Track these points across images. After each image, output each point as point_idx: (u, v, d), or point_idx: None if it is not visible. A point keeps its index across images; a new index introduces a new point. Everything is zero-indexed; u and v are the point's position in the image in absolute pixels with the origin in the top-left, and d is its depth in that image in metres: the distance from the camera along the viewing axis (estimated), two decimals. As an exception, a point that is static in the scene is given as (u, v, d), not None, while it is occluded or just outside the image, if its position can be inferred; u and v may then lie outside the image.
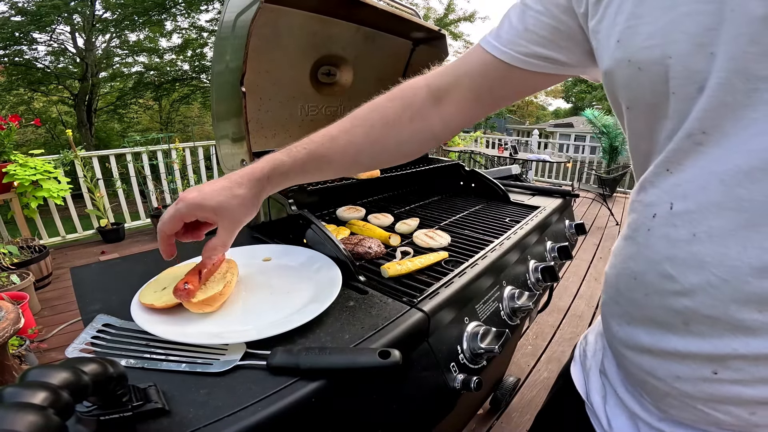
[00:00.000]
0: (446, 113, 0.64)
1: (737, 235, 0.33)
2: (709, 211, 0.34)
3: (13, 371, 1.76)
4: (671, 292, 0.38)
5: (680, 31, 0.33)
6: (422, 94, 0.65)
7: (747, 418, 0.36)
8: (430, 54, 1.47)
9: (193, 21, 11.52)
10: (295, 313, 0.62)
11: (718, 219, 0.34)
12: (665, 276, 0.38)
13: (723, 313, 0.34)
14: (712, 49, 0.32)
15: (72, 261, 3.76)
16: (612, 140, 6.86)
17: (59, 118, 13.21)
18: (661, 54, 0.35)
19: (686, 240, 0.36)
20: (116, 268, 0.83)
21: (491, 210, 1.28)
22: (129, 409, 0.40)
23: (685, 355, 0.38)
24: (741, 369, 0.35)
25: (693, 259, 0.36)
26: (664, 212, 0.38)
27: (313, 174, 0.64)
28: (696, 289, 0.35)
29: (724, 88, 0.31)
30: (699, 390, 0.38)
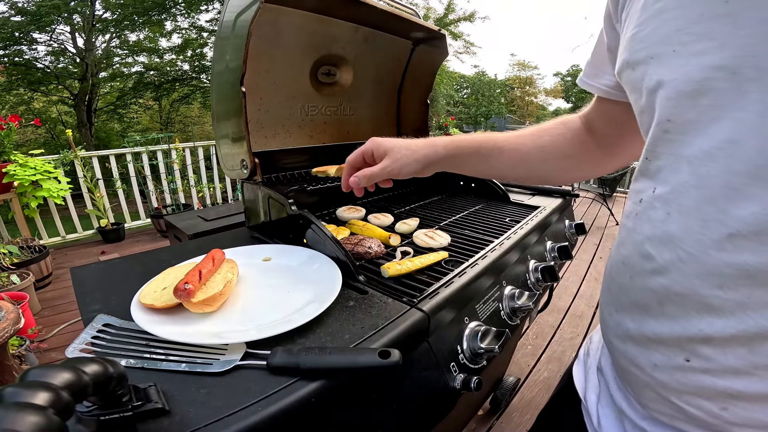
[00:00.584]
0: (594, 145, 0.68)
1: (700, 210, 0.35)
2: (680, 191, 0.37)
3: (13, 371, 1.76)
4: (649, 270, 0.41)
5: (657, 34, 0.38)
6: (579, 123, 0.70)
7: (718, 414, 0.37)
8: (431, 54, 1.47)
9: (193, 21, 11.51)
10: (295, 313, 0.62)
11: (686, 197, 0.37)
12: (645, 255, 0.41)
13: (690, 290, 0.36)
14: (674, 48, 0.36)
15: (72, 261, 3.76)
16: (612, 140, 6.84)
17: (59, 118, 13.20)
18: (644, 55, 0.40)
19: (662, 219, 0.39)
20: (116, 268, 0.83)
21: (491, 210, 1.28)
22: (129, 409, 0.40)
23: (660, 340, 0.40)
24: (710, 358, 0.36)
25: (666, 237, 0.39)
26: (648, 197, 0.42)
27: (481, 161, 0.70)
28: (669, 266, 0.38)
29: (683, 81, 0.36)
30: (673, 379, 0.40)
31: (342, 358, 0.49)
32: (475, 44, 15.63)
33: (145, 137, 4.83)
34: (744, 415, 0.36)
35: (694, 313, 0.37)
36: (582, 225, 1.30)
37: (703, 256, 0.35)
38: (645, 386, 0.44)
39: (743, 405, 0.36)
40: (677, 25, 0.36)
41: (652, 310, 0.41)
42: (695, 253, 0.36)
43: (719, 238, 0.34)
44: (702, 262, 0.35)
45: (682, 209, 0.37)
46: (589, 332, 2.56)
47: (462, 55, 16.20)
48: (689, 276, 0.36)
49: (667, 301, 0.39)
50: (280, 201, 0.93)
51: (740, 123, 0.32)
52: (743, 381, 0.35)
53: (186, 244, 1.08)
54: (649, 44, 0.39)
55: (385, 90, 1.53)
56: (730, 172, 0.33)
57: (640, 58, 0.41)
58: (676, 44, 0.36)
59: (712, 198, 0.34)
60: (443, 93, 15.50)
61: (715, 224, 0.34)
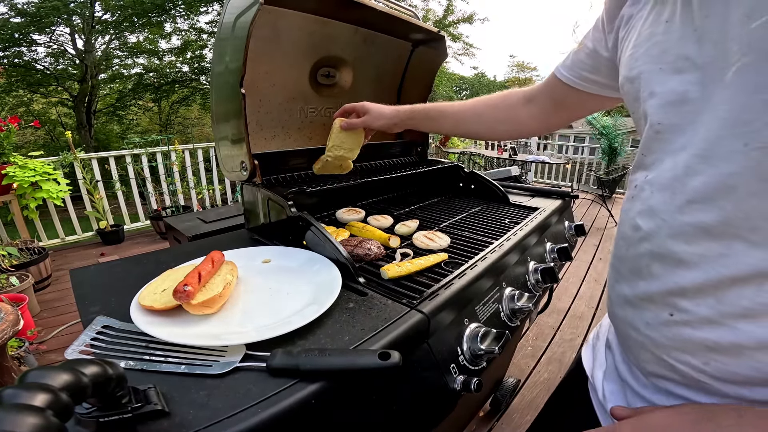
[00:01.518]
0: (533, 112, 0.91)
1: (670, 186, 0.45)
2: (661, 175, 0.47)
3: (13, 373, 1.75)
4: (638, 239, 0.50)
5: (648, 55, 0.49)
6: (519, 93, 0.93)
7: (702, 368, 0.44)
8: (430, 55, 1.47)
9: (192, 23, 11.52)
10: (294, 314, 0.62)
11: (663, 179, 0.46)
12: (635, 227, 0.50)
13: (666, 249, 0.45)
14: (660, 65, 0.46)
15: (71, 263, 3.75)
16: (611, 141, 6.86)
17: (59, 119, 13.20)
18: (638, 72, 0.50)
19: (647, 197, 0.49)
20: (116, 270, 0.82)
21: (491, 211, 1.28)
22: (128, 410, 0.40)
23: (650, 298, 0.48)
24: (687, 310, 0.44)
25: (650, 210, 0.48)
26: (640, 182, 0.51)
27: (430, 122, 1.03)
28: (651, 233, 0.47)
29: (668, 91, 0.45)
30: (662, 335, 0.47)
31: (342, 359, 0.49)
32: (474, 46, 15.64)
33: (145, 139, 4.83)
34: (723, 369, 0.42)
35: (670, 269, 0.45)
36: (581, 226, 1.30)
37: (672, 220, 0.45)
38: (641, 348, 0.51)
39: (721, 358, 0.42)
40: (663, 48, 0.46)
41: (642, 272, 0.49)
42: (667, 219, 0.45)
43: (681, 204, 0.43)
44: (672, 225, 0.45)
45: (660, 188, 0.47)
46: (590, 332, 2.56)
47: (461, 56, 16.22)
48: (664, 238, 0.45)
49: (652, 262, 0.48)
50: (280, 203, 0.93)
51: (704, 124, 0.41)
52: (716, 331, 0.42)
53: (185, 246, 1.07)
54: (642, 63, 0.49)
55: (384, 91, 1.53)
56: (690, 156, 0.43)
57: (635, 75, 0.50)
58: (662, 63, 0.46)
59: (678, 176, 0.44)
60: (442, 94, 15.52)
61: (679, 195, 0.44)
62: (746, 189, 0.38)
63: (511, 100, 0.93)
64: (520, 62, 30.56)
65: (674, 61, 0.44)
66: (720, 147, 0.40)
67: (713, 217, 0.40)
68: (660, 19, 0.48)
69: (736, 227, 0.39)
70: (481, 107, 0.96)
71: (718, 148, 0.40)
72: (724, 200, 0.39)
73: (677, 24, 0.45)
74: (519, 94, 0.92)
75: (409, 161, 1.56)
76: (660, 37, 0.47)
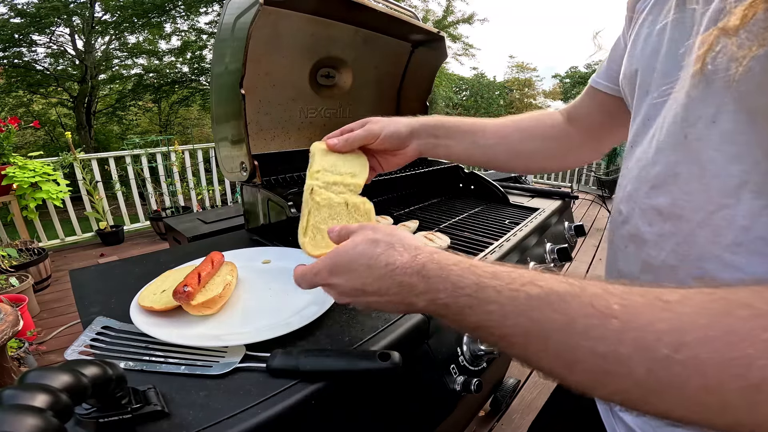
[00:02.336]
0: (581, 132, 0.77)
1: (639, 174, 0.48)
2: (637, 163, 0.50)
3: (12, 373, 1.75)
4: (620, 222, 0.53)
5: (643, 54, 0.50)
6: (559, 115, 0.79)
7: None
8: (430, 56, 1.47)
9: (192, 23, 11.51)
10: (294, 315, 0.62)
11: (638, 167, 0.49)
12: (618, 212, 0.54)
13: (637, 229, 0.49)
14: (655, 65, 0.48)
15: (71, 263, 3.75)
16: (611, 142, 6.86)
17: (58, 120, 13.19)
18: (634, 69, 0.52)
19: (626, 185, 0.52)
20: (115, 271, 0.82)
21: (490, 212, 1.29)
22: (128, 411, 0.40)
23: (629, 276, 0.52)
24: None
25: (627, 195, 0.51)
26: (625, 172, 0.54)
27: (463, 136, 0.74)
28: (628, 216, 0.51)
29: (658, 91, 0.47)
30: None
31: (341, 360, 0.49)
32: (474, 46, 15.62)
33: (145, 139, 4.83)
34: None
35: (638, 248, 0.49)
36: (581, 227, 1.30)
37: (640, 203, 0.48)
38: None
39: None
40: (655, 48, 0.48)
41: (623, 253, 0.53)
42: (638, 202, 0.49)
43: (647, 189, 0.47)
44: (641, 207, 0.48)
45: (635, 176, 0.50)
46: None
47: (461, 57, 16.21)
48: (636, 219, 0.49)
49: (629, 243, 0.51)
50: (280, 203, 0.93)
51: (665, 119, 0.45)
52: None
53: (185, 247, 1.07)
54: (636, 61, 0.52)
55: (384, 92, 1.53)
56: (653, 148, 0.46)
57: (633, 71, 0.52)
58: (655, 63, 0.48)
59: (645, 165, 0.47)
60: (442, 95, 15.51)
61: (644, 181, 0.47)
62: (687, 175, 0.42)
63: (553, 118, 0.78)
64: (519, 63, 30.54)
65: (666, 61, 0.46)
66: (670, 139, 0.44)
67: (666, 200, 0.45)
68: (658, 19, 0.49)
69: (680, 208, 0.43)
70: (525, 123, 0.77)
71: (669, 139, 0.44)
72: (672, 185, 0.44)
73: (670, 27, 0.46)
74: (558, 115, 0.78)
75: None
76: (654, 39, 0.49)
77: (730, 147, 0.37)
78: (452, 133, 0.73)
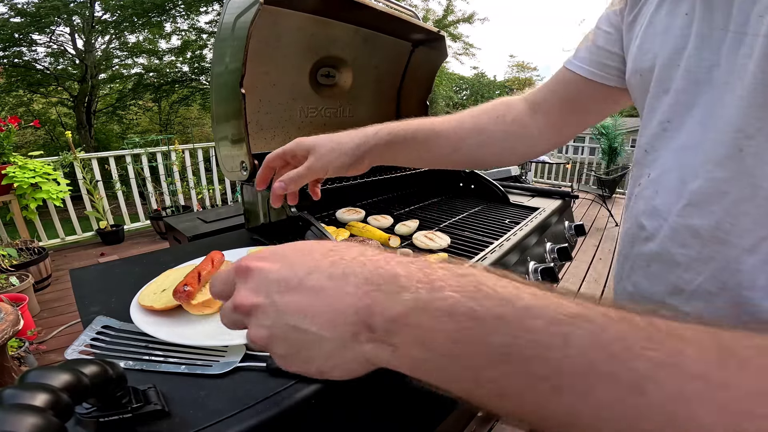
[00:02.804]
0: (541, 123, 0.72)
1: (674, 188, 0.45)
2: (665, 175, 0.46)
3: (13, 373, 1.75)
4: (643, 238, 0.50)
5: (664, 48, 0.46)
6: (521, 104, 0.74)
7: None
8: (430, 55, 1.47)
9: (192, 23, 11.53)
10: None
11: (668, 179, 0.46)
12: (640, 226, 0.50)
13: (666, 250, 0.46)
14: (679, 62, 0.44)
15: (71, 263, 3.75)
16: (611, 141, 6.87)
17: (59, 119, 13.19)
18: (650, 65, 0.48)
19: (651, 197, 0.48)
20: (115, 270, 0.82)
21: (491, 211, 1.29)
22: (129, 410, 0.40)
23: (650, 297, 0.49)
24: (675, 308, 0.45)
25: (654, 210, 0.48)
26: (644, 181, 0.51)
27: (418, 147, 0.69)
28: (654, 232, 0.47)
29: (681, 90, 0.44)
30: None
31: None
32: (474, 46, 15.66)
33: (145, 139, 4.83)
34: None
35: (668, 270, 0.46)
36: (581, 226, 1.30)
37: (671, 221, 0.45)
38: None
39: None
40: (680, 44, 0.43)
41: (644, 271, 0.50)
42: (668, 220, 0.45)
43: (681, 205, 0.44)
44: (672, 226, 0.45)
45: (663, 189, 0.46)
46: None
47: (461, 56, 16.23)
48: (665, 239, 0.46)
49: (653, 262, 0.48)
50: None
51: (707, 128, 0.41)
52: None
53: (185, 246, 1.07)
54: (654, 56, 0.47)
55: (384, 91, 1.53)
56: (691, 159, 0.43)
57: (648, 67, 0.48)
58: (680, 60, 0.44)
59: (684, 179, 0.44)
60: (442, 94, 15.51)
61: (685, 198, 0.43)
62: (737, 194, 0.38)
63: (515, 111, 0.72)
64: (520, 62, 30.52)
65: (690, 59, 0.43)
66: (716, 151, 0.40)
67: (703, 222, 0.41)
68: (677, 10, 0.45)
69: (725, 232, 0.40)
70: (484, 121, 0.72)
71: (715, 152, 0.40)
72: (716, 205, 0.40)
73: (696, 20, 0.42)
74: (521, 104, 0.73)
75: (409, 161, 1.55)
76: (677, 31, 0.44)
77: None
78: (405, 147, 0.69)
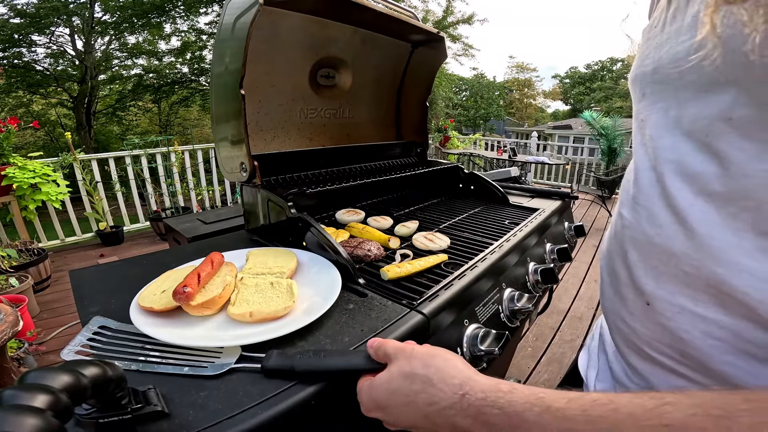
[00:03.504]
0: None
1: (650, 177, 0.47)
2: (639, 164, 0.49)
3: (12, 374, 1.75)
4: (620, 226, 0.52)
5: (649, 59, 0.48)
6: None
7: (680, 360, 0.44)
8: (429, 56, 1.47)
9: (192, 24, 11.53)
10: (294, 315, 0.62)
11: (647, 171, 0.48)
12: (620, 215, 0.53)
13: (642, 233, 0.47)
14: (653, 66, 0.47)
15: (71, 264, 3.75)
16: (610, 142, 6.87)
17: (58, 120, 13.20)
18: (637, 73, 0.51)
19: (629, 185, 0.51)
20: (115, 271, 0.82)
21: (490, 212, 1.29)
22: (128, 411, 0.40)
23: (629, 285, 0.50)
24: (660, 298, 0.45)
25: (628, 197, 0.51)
26: (629, 174, 0.53)
27: None
28: (632, 219, 0.50)
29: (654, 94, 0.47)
30: (643, 326, 0.48)
31: (337, 360, 0.49)
32: (473, 46, 15.65)
33: (144, 140, 4.83)
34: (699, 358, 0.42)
35: (646, 253, 0.47)
36: (581, 227, 1.30)
37: (651, 205, 0.46)
38: (626, 340, 0.52)
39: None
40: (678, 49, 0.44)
41: (623, 260, 0.51)
42: (646, 205, 0.47)
43: (662, 191, 0.45)
44: (649, 210, 0.46)
45: (636, 176, 0.49)
46: (588, 335, 2.56)
47: (461, 57, 16.24)
48: (642, 223, 0.47)
49: (630, 248, 0.49)
50: (280, 204, 0.93)
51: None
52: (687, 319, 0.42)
53: (185, 247, 1.07)
54: (641, 65, 0.49)
55: (384, 92, 1.53)
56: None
57: (635, 75, 0.51)
58: (652, 67, 0.46)
59: (654, 165, 0.46)
60: (442, 95, 15.53)
61: (656, 183, 0.46)
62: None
63: None
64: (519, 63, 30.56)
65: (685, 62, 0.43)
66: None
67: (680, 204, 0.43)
68: (665, 15, 0.46)
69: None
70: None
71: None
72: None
73: (668, 23, 0.45)
74: None
75: (408, 162, 1.56)
76: (673, 39, 0.44)
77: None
78: None
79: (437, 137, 8.11)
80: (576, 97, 37.80)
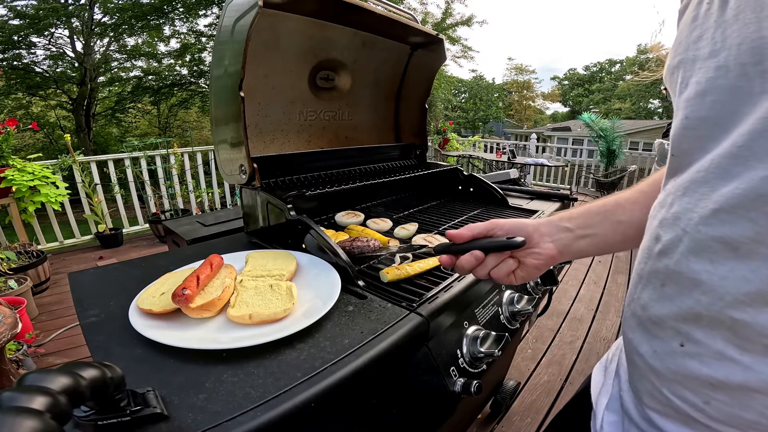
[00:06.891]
0: None
1: (697, 190, 0.39)
2: (688, 178, 0.41)
3: (11, 376, 1.75)
4: (656, 252, 0.43)
5: (686, 41, 0.42)
6: None
7: (702, 407, 0.39)
8: (429, 59, 1.47)
9: (191, 26, 11.54)
10: (293, 318, 0.62)
11: (694, 183, 0.40)
12: (656, 238, 0.44)
13: (686, 266, 0.39)
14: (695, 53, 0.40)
15: (70, 266, 3.74)
16: (609, 143, 6.88)
17: (57, 122, 13.20)
18: (678, 60, 0.44)
19: (671, 203, 0.43)
20: (114, 273, 0.82)
21: (490, 214, 1.29)
22: (127, 414, 0.40)
23: (661, 322, 0.42)
24: (698, 341, 0.38)
25: (672, 218, 0.42)
26: (669, 188, 0.45)
27: (598, 223, 0.63)
28: (671, 245, 0.41)
29: (699, 81, 0.40)
30: (666, 367, 0.42)
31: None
32: (472, 49, 15.70)
33: (144, 142, 4.82)
34: (725, 410, 0.37)
35: (687, 290, 0.39)
36: (580, 228, 1.30)
37: (694, 232, 0.38)
38: (642, 377, 0.46)
39: (724, 399, 0.37)
40: (699, 32, 0.40)
41: (656, 291, 0.43)
42: (689, 231, 0.38)
43: (707, 214, 0.37)
44: (694, 238, 0.38)
45: (687, 191, 0.40)
46: (588, 337, 2.57)
47: (460, 59, 16.26)
48: (685, 253, 0.39)
49: (668, 281, 0.41)
50: (279, 206, 0.92)
51: (742, 117, 0.35)
52: (725, 368, 0.36)
53: (184, 250, 1.07)
54: (682, 51, 0.43)
55: (383, 94, 1.54)
56: (722, 155, 0.36)
57: (676, 64, 0.44)
58: (696, 50, 0.40)
59: (707, 179, 0.37)
60: (441, 97, 15.56)
61: (705, 201, 0.37)
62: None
63: None
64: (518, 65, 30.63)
65: (708, 45, 0.38)
66: (759, 145, 0.32)
67: (741, 232, 0.34)
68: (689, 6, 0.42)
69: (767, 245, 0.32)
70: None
71: (758, 146, 0.33)
72: (758, 211, 0.32)
73: (715, 4, 0.38)
74: None
75: (408, 164, 1.56)
76: (700, 21, 0.40)
77: None
78: (587, 222, 0.64)
79: (436, 139, 8.11)
80: (575, 99, 37.90)
